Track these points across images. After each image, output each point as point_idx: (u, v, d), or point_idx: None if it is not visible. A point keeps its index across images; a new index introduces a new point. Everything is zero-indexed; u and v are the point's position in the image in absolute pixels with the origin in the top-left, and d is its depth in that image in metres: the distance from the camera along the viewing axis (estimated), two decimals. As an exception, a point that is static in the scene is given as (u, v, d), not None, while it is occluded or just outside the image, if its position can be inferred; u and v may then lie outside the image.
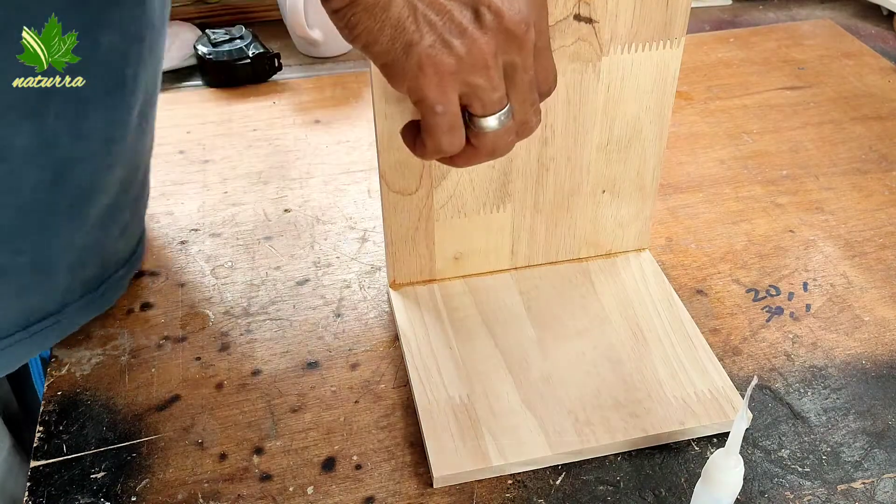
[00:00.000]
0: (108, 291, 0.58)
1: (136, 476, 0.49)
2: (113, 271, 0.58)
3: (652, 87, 0.54)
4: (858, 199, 0.71)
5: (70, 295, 0.54)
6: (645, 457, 0.50)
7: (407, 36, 0.38)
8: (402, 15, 0.38)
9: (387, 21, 0.38)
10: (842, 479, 0.49)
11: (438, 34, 0.38)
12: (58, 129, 0.45)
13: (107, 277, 0.58)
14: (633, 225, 0.61)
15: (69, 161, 0.47)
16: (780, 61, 0.90)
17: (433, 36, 0.38)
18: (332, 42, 0.92)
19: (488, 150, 0.42)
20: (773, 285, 0.62)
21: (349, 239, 0.66)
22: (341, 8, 0.38)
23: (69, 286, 0.54)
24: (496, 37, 0.39)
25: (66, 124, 0.45)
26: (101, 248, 0.55)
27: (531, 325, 0.57)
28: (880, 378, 0.55)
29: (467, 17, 0.38)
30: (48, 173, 0.46)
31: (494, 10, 0.38)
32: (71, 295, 0.54)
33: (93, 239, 0.53)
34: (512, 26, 0.39)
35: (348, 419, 0.52)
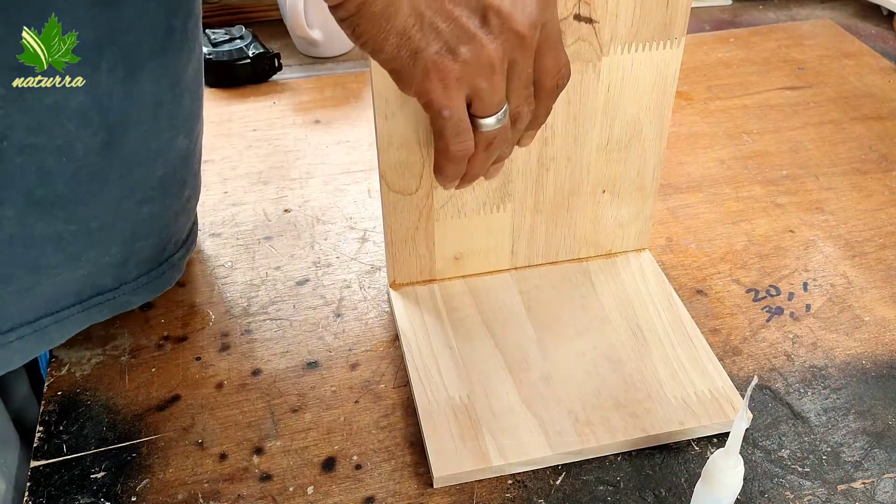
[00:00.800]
0: (167, 271, 0.58)
1: (136, 476, 0.49)
2: (172, 251, 0.58)
3: (652, 88, 0.54)
4: (858, 199, 0.71)
5: (126, 272, 0.54)
6: (645, 457, 0.50)
7: (413, 44, 0.39)
8: (408, 24, 0.38)
9: (392, 30, 0.38)
10: (842, 479, 0.49)
11: (444, 41, 0.39)
12: (111, 88, 0.45)
13: (166, 258, 0.58)
14: (633, 225, 0.61)
15: (121, 124, 0.47)
16: (780, 61, 0.90)
17: (439, 43, 0.39)
18: (332, 42, 0.92)
19: (484, 147, 0.43)
20: (773, 285, 0.62)
21: (349, 239, 0.66)
22: (347, 17, 0.38)
23: (124, 261, 0.53)
24: (505, 41, 0.39)
25: (118, 82, 0.45)
26: (158, 223, 0.55)
27: (531, 325, 0.57)
28: (880, 378, 0.55)
29: (475, 23, 0.39)
30: (101, 136, 0.46)
31: (504, 14, 0.39)
32: (127, 273, 0.54)
33: (148, 212, 0.53)
34: (521, 29, 0.39)
35: (348, 419, 0.52)
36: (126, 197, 0.50)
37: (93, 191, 0.48)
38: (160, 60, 0.48)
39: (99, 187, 0.48)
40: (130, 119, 0.47)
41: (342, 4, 0.38)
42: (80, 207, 0.48)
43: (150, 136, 0.50)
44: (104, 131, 0.46)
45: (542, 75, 0.43)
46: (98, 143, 0.46)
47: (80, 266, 0.51)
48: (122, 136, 0.47)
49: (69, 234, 0.49)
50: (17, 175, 0.44)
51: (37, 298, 0.50)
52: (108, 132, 0.46)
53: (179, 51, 0.49)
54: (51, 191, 0.46)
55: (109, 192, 0.49)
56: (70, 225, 0.48)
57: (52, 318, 0.52)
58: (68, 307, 0.52)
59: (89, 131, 0.46)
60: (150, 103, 0.48)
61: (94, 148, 0.46)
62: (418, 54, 0.39)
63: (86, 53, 0.43)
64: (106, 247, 0.51)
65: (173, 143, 0.52)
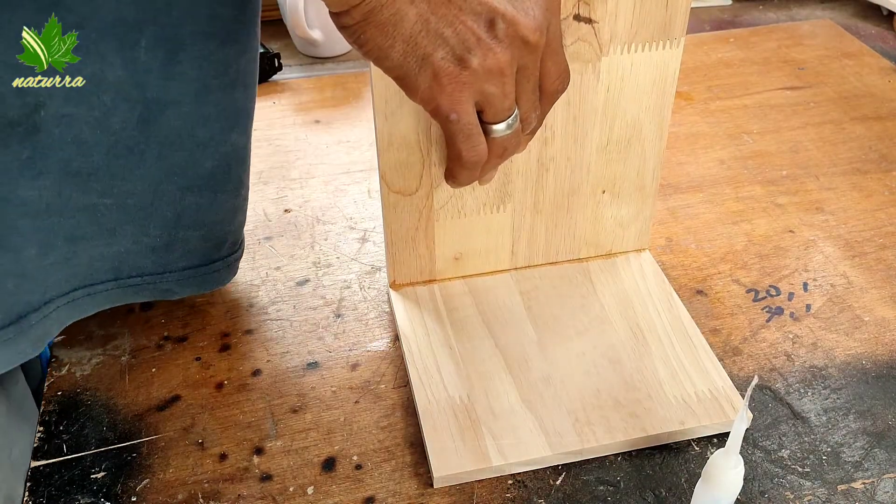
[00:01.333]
0: (222, 269, 0.58)
1: (136, 476, 0.49)
2: (230, 251, 0.58)
3: (652, 88, 0.54)
4: (858, 199, 0.71)
5: (170, 260, 0.54)
6: (645, 457, 0.50)
7: (420, 51, 0.39)
8: (415, 30, 0.38)
9: (398, 37, 0.38)
10: (842, 479, 0.49)
11: (451, 47, 0.39)
12: (149, 66, 0.45)
13: (223, 256, 0.57)
14: (633, 225, 0.61)
15: (158, 102, 0.47)
16: (780, 61, 0.90)
17: (446, 49, 0.39)
18: (332, 42, 0.92)
19: (498, 153, 0.44)
20: (774, 285, 0.62)
21: (349, 239, 0.67)
22: (352, 25, 0.38)
23: (167, 247, 0.53)
24: (511, 46, 0.40)
25: (157, 61, 0.45)
26: (208, 216, 0.54)
27: (531, 325, 0.57)
28: (880, 378, 0.55)
29: (481, 28, 0.39)
30: (137, 111, 0.46)
31: (509, 19, 0.39)
32: (172, 261, 0.54)
33: (195, 202, 0.53)
34: (527, 34, 0.39)
35: (348, 419, 0.52)
36: (166, 179, 0.50)
37: (130, 165, 0.48)
38: (204, 46, 0.48)
39: (136, 163, 0.48)
40: (169, 99, 0.47)
41: (348, 12, 0.37)
42: (117, 181, 0.48)
43: (194, 122, 0.50)
44: (141, 107, 0.46)
45: (544, 79, 0.43)
46: (135, 118, 0.47)
47: (116, 241, 0.51)
48: (160, 115, 0.48)
49: (104, 207, 0.49)
50: (54, 145, 0.45)
51: (73, 270, 0.50)
52: (146, 108, 0.47)
53: (228, 40, 0.49)
54: (87, 162, 0.46)
55: (147, 170, 0.49)
56: (105, 198, 0.49)
57: (85, 290, 0.52)
58: (103, 282, 0.52)
59: (126, 106, 0.46)
60: (193, 87, 0.48)
61: (130, 123, 0.47)
62: (425, 61, 0.39)
63: (125, 29, 0.43)
64: (144, 226, 0.52)
65: (226, 136, 0.52)
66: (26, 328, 0.49)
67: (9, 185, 0.45)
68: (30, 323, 0.49)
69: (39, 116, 0.43)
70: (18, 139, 0.43)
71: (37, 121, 0.43)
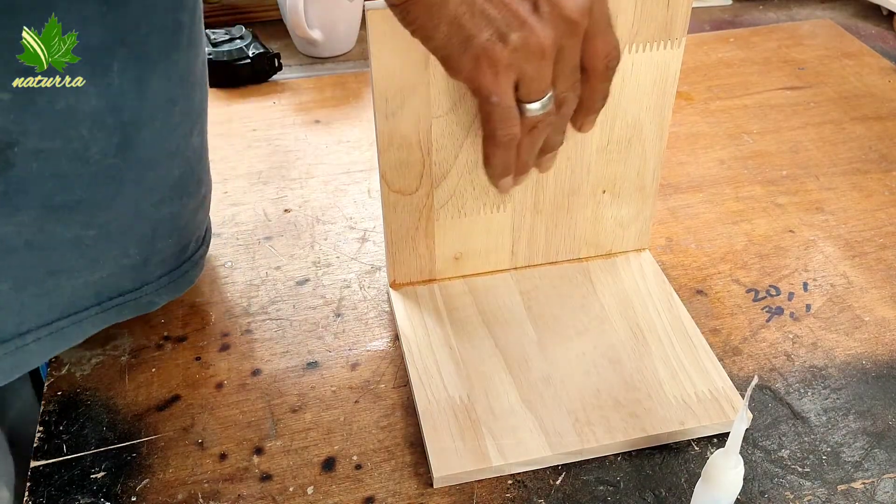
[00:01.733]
0: (190, 270, 0.58)
1: (136, 476, 0.49)
2: (195, 249, 0.58)
3: (652, 88, 0.54)
4: (858, 199, 0.71)
5: (147, 273, 0.54)
6: (645, 457, 0.50)
7: (465, 31, 0.39)
8: (460, 11, 0.38)
9: (443, 18, 0.39)
10: (842, 479, 0.49)
11: (496, 28, 0.39)
12: (123, 89, 0.45)
13: (188, 256, 0.57)
14: (634, 225, 0.61)
15: (135, 124, 0.47)
16: (781, 61, 0.90)
17: (490, 30, 0.39)
18: (332, 42, 0.92)
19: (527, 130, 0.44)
20: (774, 285, 0.62)
21: (349, 239, 0.66)
22: (399, 4, 0.39)
23: (144, 262, 0.53)
24: (555, 27, 0.40)
25: (130, 83, 0.45)
26: (178, 222, 0.55)
27: (531, 325, 0.57)
28: (880, 378, 0.55)
29: (526, 9, 0.39)
30: (115, 138, 0.46)
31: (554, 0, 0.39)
32: (148, 273, 0.54)
33: (168, 212, 0.53)
34: (572, 14, 0.40)
35: (348, 419, 0.52)
36: (143, 198, 0.50)
37: (110, 193, 0.48)
38: (171, 57, 0.48)
39: (116, 189, 0.48)
40: (144, 118, 0.47)
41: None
42: (99, 211, 0.48)
43: (165, 135, 0.50)
44: (119, 133, 0.46)
45: (593, 58, 0.43)
46: (113, 145, 0.46)
47: (99, 268, 0.51)
48: (137, 137, 0.47)
49: (89, 239, 0.48)
50: (32, 181, 0.44)
51: (55, 301, 0.50)
52: (123, 134, 0.46)
53: (189, 46, 0.49)
54: (69, 196, 0.46)
55: (127, 194, 0.49)
56: (89, 230, 0.48)
57: (69, 319, 0.51)
58: (86, 308, 0.52)
59: (104, 133, 0.45)
60: (163, 101, 0.48)
61: (109, 150, 0.46)
62: (469, 41, 0.39)
63: (96, 54, 0.43)
64: (124, 248, 0.51)
65: (188, 140, 0.52)
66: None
67: None
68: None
69: (13, 153, 0.43)
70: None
71: (10, 157, 0.43)
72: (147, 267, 0.54)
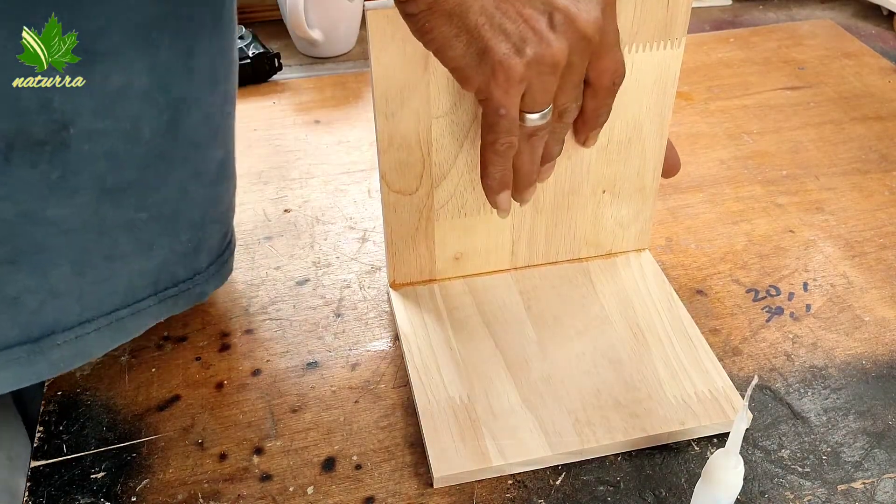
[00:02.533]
0: (230, 258, 0.58)
1: (136, 476, 0.49)
2: (231, 237, 0.59)
3: (652, 88, 0.54)
4: (858, 200, 0.71)
5: (198, 262, 0.54)
6: (645, 457, 0.50)
7: (482, 43, 0.39)
8: (479, 22, 0.38)
9: (462, 27, 0.38)
10: (842, 479, 0.49)
11: (512, 43, 0.39)
12: (172, 65, 0.45)
13: (227, 244, 0.58)
14: (634, 225, 0.61)
15: (183, 102, 0.47)
16: (781, 61, 0.90)
17: (508, 44, 0.39)
18: (332, 42, 0.92)
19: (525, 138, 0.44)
20: (774, 285, 0.62)
21: (349, 239, 0.67)
22: (416, 13, 0.38)
23: (195, 249, 0.53)
24: (569, 42, 0.40)
25: (178, 59, 0.45)
26: (222, 207, 0.55)
27: (531, 325, 0.57)
28: (880, 378, 0.55)
29: (542, 23, 0.39)
30: (165, 116, 0.46)
31: (571, 16, 0.39)
32: (199, 262, 0.55)
33: (213, 195, 0.53)
34: (587, 31, 0.40)
35: (348, 419, 0.52)
36: (191, 180, 0.50)
37: (160, 175, 0.48)
38: (215, 34, 0.48)
39: (166, 171, 0.48)
40: (192, 96, 0.47)
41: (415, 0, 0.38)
42: (150, 193, 0.48)
43: (210, 115, 0.50)
44: (168, 111, 0.46)
45: (601, 74, 0.44)
46: (163, 123, 0.46)
47: (154, 255, 0.51)
48: (186, 116, 0.47)
49: (141, 222, 0.49)
50: (86, 162, 0.44)
51: (114, 289, 0.50)
52: (173, 112, 0.47)
53: (230, 21, 0.49)
54: (121, 177, 0.46)
55: (176, 176, 0.49)
56: (141, 213, 0.48)
57: (129, 309, 0.51)
58: (145, 298, 0.52)
59: (154, 111, 0.46)
60: (207, 79, 0.48)
61: (159, 129, 0.46)
62: (486, 54, 0.39)
63: (147, 31, 0.43)
64: (176, 234, 0.51)
65: (228, 123, 0.53)
66: (47, 348, 0.48)
67: (36, 204, 0.44)
68: (54, 342, 0.48)
69: (68, 134, 0.43)
70: (47, 158, 0.43)
71: (65, 138, 0.43)
72: (198, 255, 0.54)
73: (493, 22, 0.39)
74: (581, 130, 0.50)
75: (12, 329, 0.47)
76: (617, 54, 0.44)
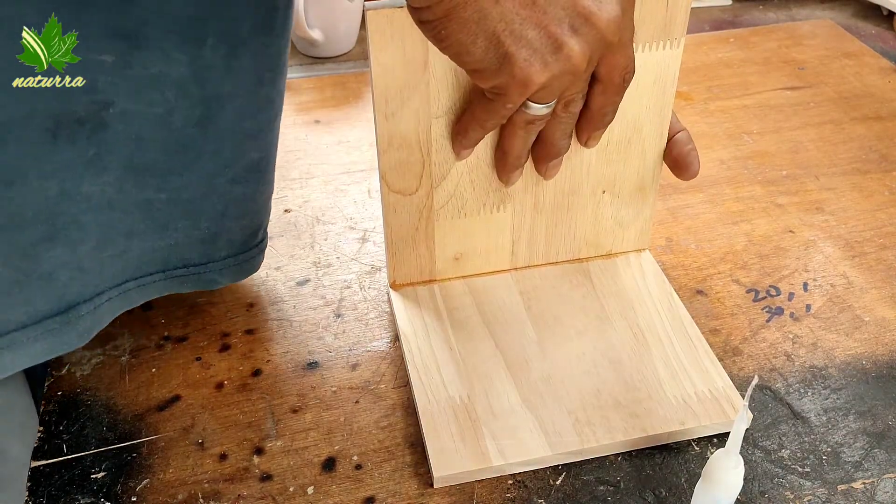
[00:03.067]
0: (257, 256, 0.59)
1: (136, 476, 0.49)
2: (263, 236, 0.59)
3: (652, 88, 0.54)
4: (858, 200, 0.71)
5: (215, 250, 0.55)
6: (645, 457, 0.50)
7: (502, 49, 0.38)
8: (498, 29, 0.38)
9: (480, 34, 0.38)
10: (842, 479, 0.49)
11: (534, 49, 0.39)
12: (212, 62, 0.46)
13: (257, 243, 0.58)
14: (634, 225, 0.61)
15: (219, 99, 0.47)
16: (780, 61, 0.90)
17: (529, 51, 0.39)
18: (332, 42, 0.92)
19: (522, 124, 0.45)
20: (774, 285, 0.62)
21: (349, 239, 0.67)
22: (432, 20, 0.38)
23: (213, 238, 0.54)
24: (591, 48, 0.40)
25: (220, 57, 0.46)
26: (251, 205, 0.56)
27: (531, 325, 0.57)
28: (880, 378, 0.55)
29: (563, 30, 0.39)
30: (198, 109, 0.47)
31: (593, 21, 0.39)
32: (216, 251, 0.55)
33: (241, 192, 0.54)
34: (609, 35, 0.40)
35: (348, 419, 0.52)
36: (218, 174, 0.51)
37: (186, 162, 0.49)
38: (262, 39, 0.48)
39: (193, 160, 0.49)
40: (229, 95, 0.48)
41: (430, 8, 0.37)
42: (172, 177, 0.49)
43: (247, 116, 0.50)
44: (202, 105, 0.47)
45: (612, 71, 0.43)
46: (195, 116, 0.47)
47: (168, 235, 0.51)
48: (220, 112, 0.48)
49: (159, 202, 0.49)
50: (118, 142, 0.45)
51: (126, 263, 0.51)
52: (206, 106, 0.47)
53: (282, 32, 0.50)
54: (146, 158, 0.47)
55: (202, 166, 0.50)
56: (161, 193, 0.49)
57: (136, 282, 0.52)
58: (152, 273, 0.53)
59: (188, 103, 0.46)
60: (250, 82, 0.49)
61: (191, 120, 0.47)
62: (507, 59, 0.39)
63: (189, 25, 0.44)
64: (196, 220, 0.52)
65: (270, 125, 0.53)
66: (74, 319, 0.49)
67: (73, 181, 0.45)
68: (79, 313, 0.49)
69: (108, 113, 0.44)
70: (86, 136, 0.44)
71: (105, 118, 0.44)
72: (216, 244, 0.55)
73: (512, 29, 0.38)
74: (585, 129, 0.50)
75: (47, 303, 0.48)
76: (629, 51, 0.44)
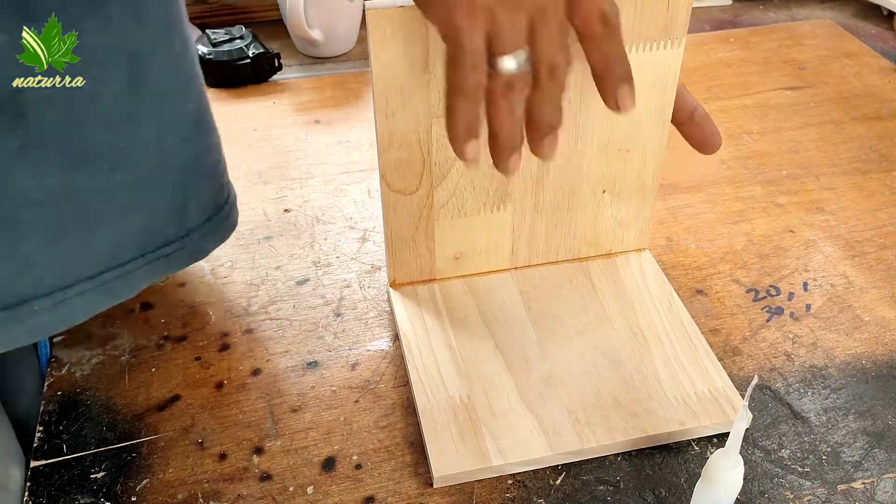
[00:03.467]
0: (231, 214, 0.58)
1: (136, 476, 0.49)
2: (229, 192, 0.58)
3: (653, 88, 0.54)
4: (858, 199, 0.71)
5: (189, 218, 0.54)
6: (645, 457, 0.50)
7: None
8: None
9: None
10: (842, 479, 0.49)
11: None
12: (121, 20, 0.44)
13: (226, 199, 0.57)
14: (634, 225, 0.61)
15: (140, 55, 0.46)
16: (781, 61, 0.90)
17: None
18: (332, 42, 0.92)
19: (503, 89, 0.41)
20: (774, 285, 0.62)
21: (349, 239, 0.67)
22: None
23: (183, 206, 0.53)
24: None
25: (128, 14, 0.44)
26: (206, 161, 0.55)
27: (531, 325, 0.57)
28: (880, 378, 0.55)
29: None
30: (125, 73, 0.46)
31: None
32: (190, 218, 0.54)
33: (193, 150, 0.52)
34: None
35: (348, 419, 0.52)
36: (165, 137, 0.50)
37: (131, 134, 0.47)
38: None
39: (136, 129, 0.48)
40: (147, 48, 0.47)
41: None
42: (123, 155, 0.48)
43: (172, 66, 0.49)
44: (127, 67, 0.46)
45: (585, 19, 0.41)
46: (125, 81, 0.46)
47: (135, 217, 0.50)
48: (146, 69, 0.47)
49: (116, 185, 0.48)
50: (49, 131, 0.44)
51: (95, 253, 0.50)
52: (131, 67, 0.46)
53: None
54: (88, 142, 0.46)
55: (147, 133, 0.48)
56: (115, 175, 0.48)
57: (114, 272, 0.51)
58: (131, 260, 0.52)
59: (114, 70, 0.45)
60: (162, 27, 0.47)
61: (122, 87, 0.46)
62: None
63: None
64: (159, 193, 0.51)
65: (195, 72, 0.52)
66: (23, 315, 0.48)
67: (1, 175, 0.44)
68: (30, 309, 0.48)
69: (24, 99, 0.42)
70: (7, 127, 0.42)
71: (21, 105, 0.42)
72: (187, 212, 0.54)
73: None
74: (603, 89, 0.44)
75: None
76: None
